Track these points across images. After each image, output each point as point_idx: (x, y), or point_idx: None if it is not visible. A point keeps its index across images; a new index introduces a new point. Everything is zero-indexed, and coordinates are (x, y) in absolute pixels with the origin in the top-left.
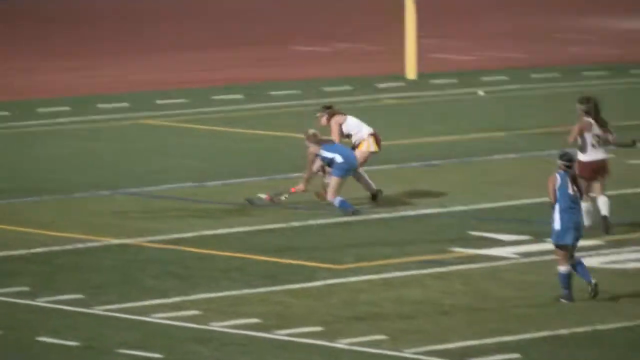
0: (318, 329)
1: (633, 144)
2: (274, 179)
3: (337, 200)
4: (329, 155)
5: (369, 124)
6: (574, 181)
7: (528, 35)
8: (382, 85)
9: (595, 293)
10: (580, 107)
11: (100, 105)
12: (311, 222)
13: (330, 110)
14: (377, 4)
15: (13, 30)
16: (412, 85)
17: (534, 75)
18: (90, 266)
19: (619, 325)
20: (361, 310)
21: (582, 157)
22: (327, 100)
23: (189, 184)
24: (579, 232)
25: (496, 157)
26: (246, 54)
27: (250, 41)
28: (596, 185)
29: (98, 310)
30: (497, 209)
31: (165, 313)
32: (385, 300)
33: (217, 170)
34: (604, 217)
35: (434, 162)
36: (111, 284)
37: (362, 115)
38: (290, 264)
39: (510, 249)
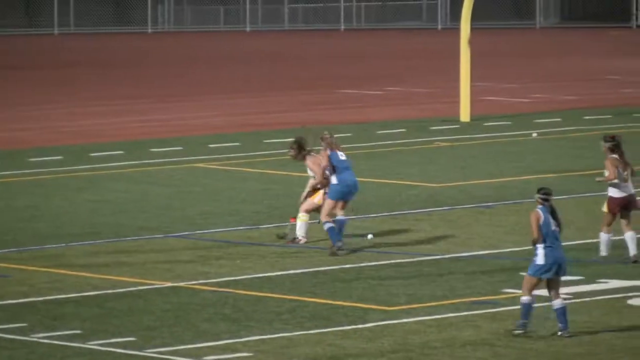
0: None
1: None
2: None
3: (327, 225)
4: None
5: (422, 166)
6: (553, 215)
7: (580, 77)
8: (435, 128)
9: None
10: (605, 145)
11: (153, 150)
12: (363, 264)
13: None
14: (427, 47)
15: (65, 74)
16: (465, 127)
17: (586, 117)
18: (142, 309)
19: None
20: (413, 351)
21: (612, 192)
22: (379, 143)
23: (242, 227)
24: (561, 267)
25: None
26: (298, 98)
27: (302, 85)
28: (623, 221)
29: (150, 352)
30: None
31: (218, 355)
32: (437, 341)
33: (269, 213)
34: (635, 256)
35: (486, 204)
36: (163, 327)
37: (415, 157)
38: (342, 306)
39: (561, 290)
